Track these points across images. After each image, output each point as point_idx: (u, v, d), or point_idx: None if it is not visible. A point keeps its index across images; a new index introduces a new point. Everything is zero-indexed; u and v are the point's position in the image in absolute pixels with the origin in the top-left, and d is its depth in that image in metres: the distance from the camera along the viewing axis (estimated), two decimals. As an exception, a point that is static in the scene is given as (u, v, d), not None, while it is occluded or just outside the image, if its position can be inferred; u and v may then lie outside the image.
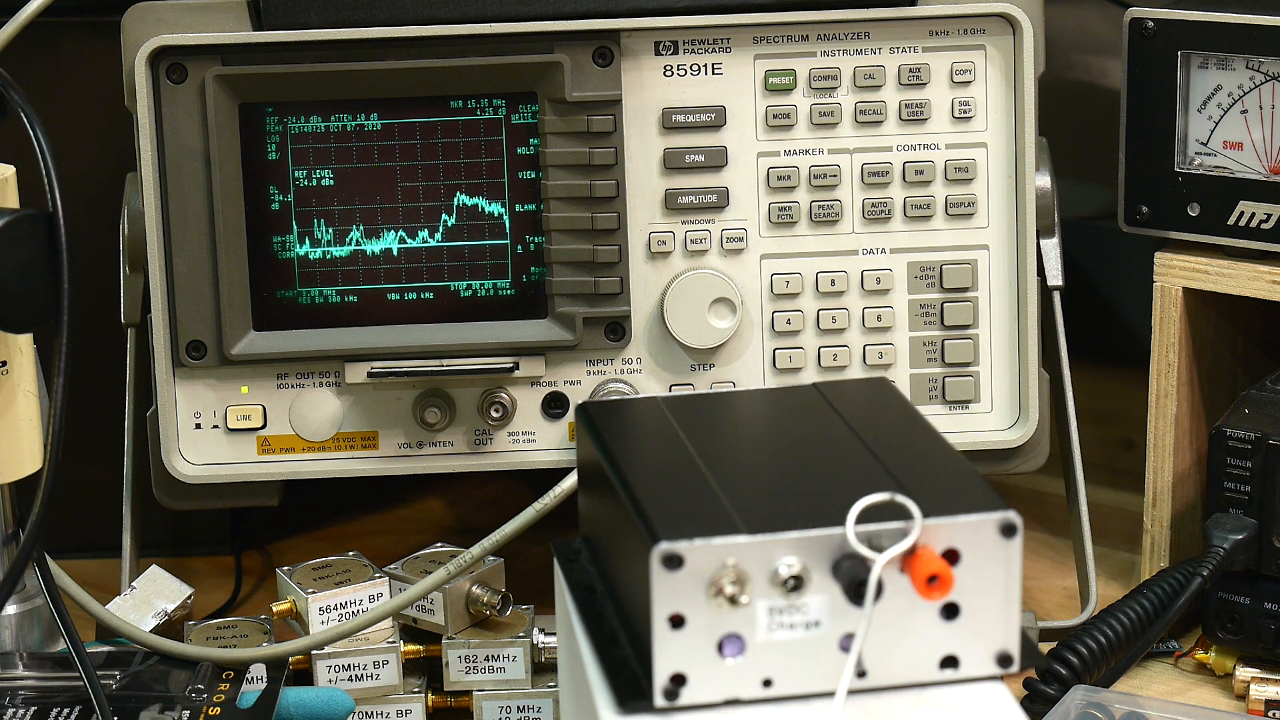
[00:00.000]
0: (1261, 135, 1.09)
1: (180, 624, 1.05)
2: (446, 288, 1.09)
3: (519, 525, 1.03)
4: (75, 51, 1.19)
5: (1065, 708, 0.96)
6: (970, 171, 1.09)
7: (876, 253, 1.10)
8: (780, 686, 0.77)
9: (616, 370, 1.10)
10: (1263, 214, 1.09)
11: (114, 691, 0.97)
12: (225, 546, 1.27)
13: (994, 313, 1.10)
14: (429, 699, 1.05)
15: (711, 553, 0.75)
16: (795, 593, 0.76)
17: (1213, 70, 1.10)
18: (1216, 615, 1.06)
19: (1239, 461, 1.04)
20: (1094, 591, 1.10)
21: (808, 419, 0.89)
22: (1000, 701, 0.78)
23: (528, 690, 1.03)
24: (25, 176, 0.97)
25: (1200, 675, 1.08)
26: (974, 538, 0.77)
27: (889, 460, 0.82)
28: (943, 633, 0.78)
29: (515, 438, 1.11)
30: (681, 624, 0.76)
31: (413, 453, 1.11)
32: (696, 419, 0.89)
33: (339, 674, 1.03)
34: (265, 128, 1.07)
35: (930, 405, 1.11)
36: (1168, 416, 1.13)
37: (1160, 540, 1.15)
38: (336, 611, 1.03)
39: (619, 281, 1.08)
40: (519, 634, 1.03)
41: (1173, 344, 1.12)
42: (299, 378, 1.10)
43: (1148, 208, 1.13)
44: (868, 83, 1.08)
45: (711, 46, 1.08)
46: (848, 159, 1.09)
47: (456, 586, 1.03)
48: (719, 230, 1.09)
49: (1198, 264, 1.12)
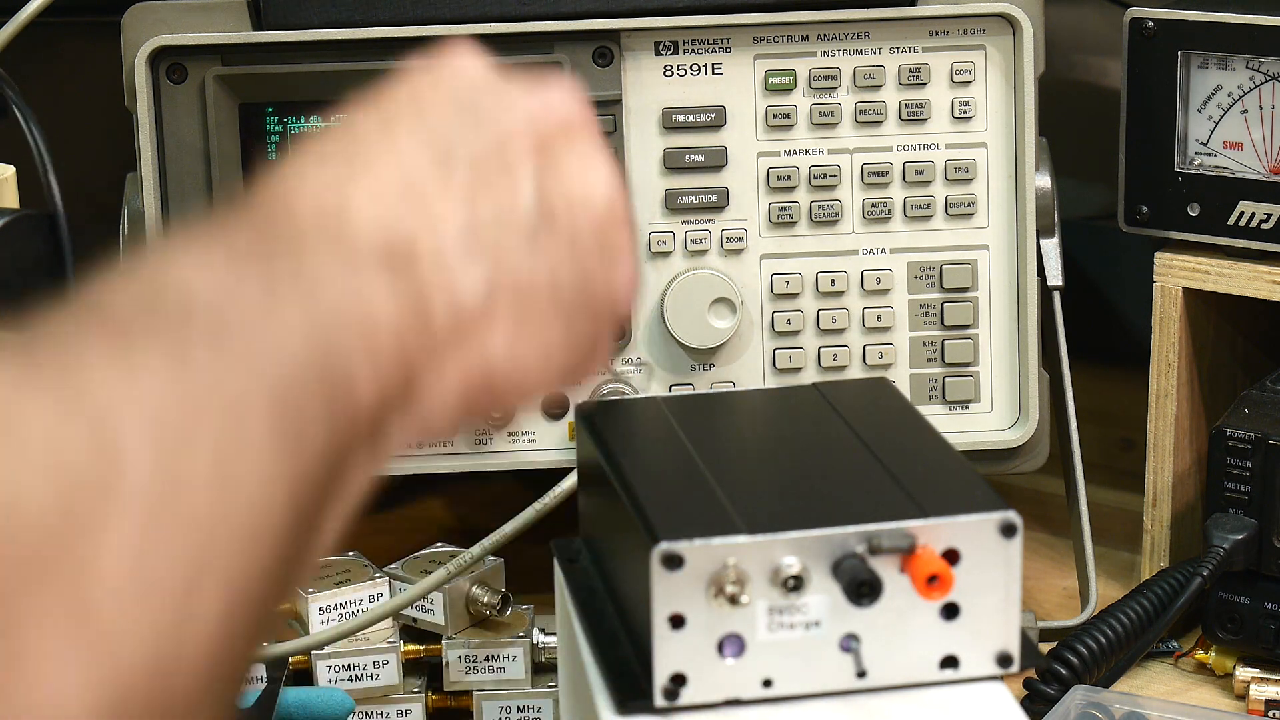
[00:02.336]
0: (1261, 135, 1.09)
1: (180, 624, 1.05)
2: (446, 288, 1.09)
3: (519, 525, 1.03)
4: (75, 51, 1.19)
5: (1065, 708, 0.96)
6: (970, 171, 1.09)
7: (876, 253, 1.10)
8: (780, 686, 0.77)
9: (616, 370, 1.10)
10: (1263, 214, 1.09)
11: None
12: (225, 546, 1.27)
13: (994, 313, 1.10)
14: (429, 699, 1.05)
15: (711, 553, 0.75)
16: (795, 593, 0.76)
17: (1213, 70, 1.10)
18: (1216, 615, 1.06)
19: (1239, 461, 1.04)
20: (1094, 591, 1.10)
21: (808, 419, 0.89)
22: (1000, 701, 0.78)
23: (528, 690, 1.03)
24: (25, 176, 0.97)
25: (1200, 675, 1.08)
26: (974, 538, 0.77)
27: (889, 460, 0.82)
28: (943, 633, 0.78)
29: (515, 438, 1.11)
30: (681, 624, 0.76)
31: (413, 453, 1.11)
32: (696, 419, 0.89)
33: (339, 674, 1.03)
34: (265, 128, 1.07)
35: (930, 405, 1.11)
36: (1168, 416, 1.13)
37: (1160, 540, 1.15)
38: (336, 611, 1.03)
39: (619, 281, 1.08)
40: (519, 634, 1.03)
41: (1173, 344, 1.12)
42: (299, 378, 1.10)
43: (1148, 208, 1.13)
44: (868, 83, 1.08)
45: (711, 46, 1.08)
46: (848, 159, 1.09)
47: (456, 586, 1.03)
48: (719, 230, 1.09)
49: (1198, 264, 1.12)
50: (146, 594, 0.47)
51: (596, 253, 0.68)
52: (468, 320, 0.62)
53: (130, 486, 0.47)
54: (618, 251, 0.69)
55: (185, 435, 0.50)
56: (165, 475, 0.49)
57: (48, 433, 0.47)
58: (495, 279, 0.63)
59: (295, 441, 0.53)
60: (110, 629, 0.46)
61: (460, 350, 0.62)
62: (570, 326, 0.67)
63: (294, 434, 0.53)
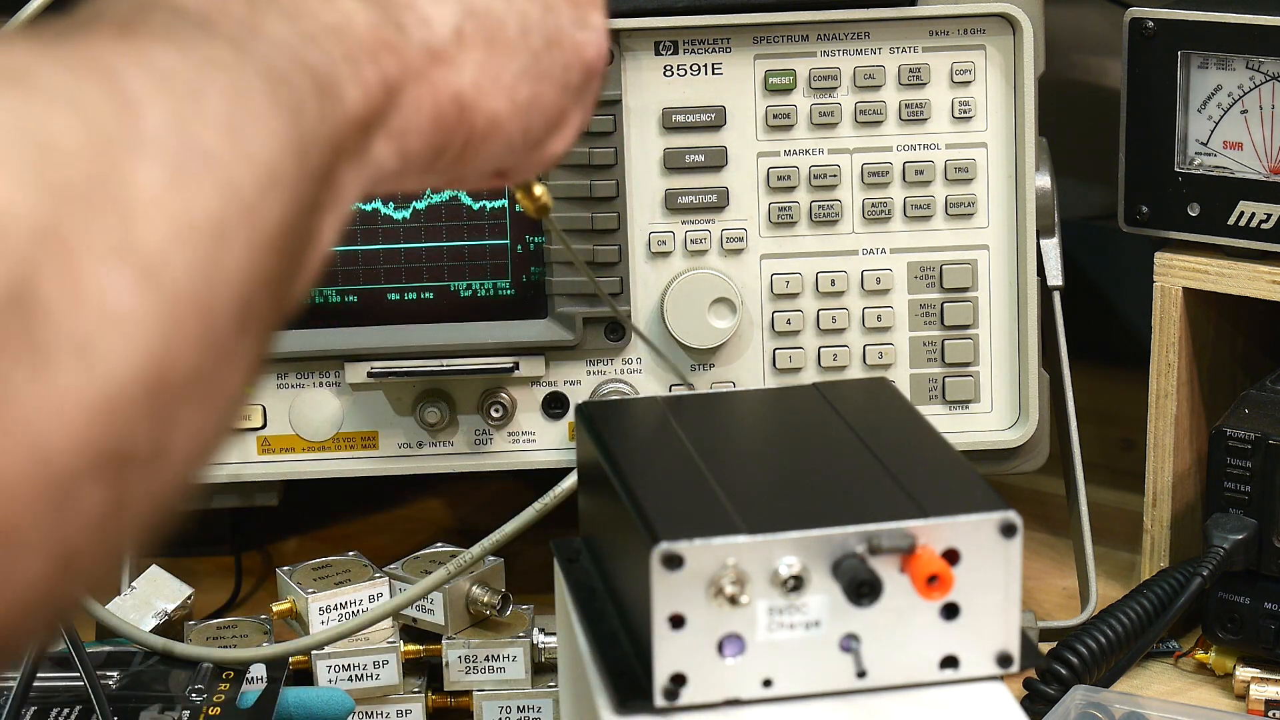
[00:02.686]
0: (1261, 135, 1.09)
1: (180, 624, 1.05)
2: (446, 288, 1.09)
3: (519, 525, 1.03)
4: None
5: (1065, 708, 0.96)
6: (970, 171, 1.09)
7: (876, 253, 1.10)
8: (780, 686, 0.77)
9: (616, 370, 1.10)
10: (1263, 214, 1.09)
11: (114, 691, 0.97)
12: (225, 546, 1.27)
13: (994, 313, 1.10)
14: (429, 699, 1.05)
15: (711, 553, 0.75)
16: (795, 593, 0.76)
17: (1213, 70, 1.10)
18: (1216, 615, 1.06)
19: (1239, 461, 1.04)
20: (1094, 591, 1.10)
21: (808, 419, 0.89)
22: (1000, 701, 0.78)
23: (528, 690, 1.03)
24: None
25: (1200, 675, 1.08)
26: (974, 538, 0.77)
27: (889, 460, 0.82)
28: (943, 633, 0.78)
29: (515, 438, 1.11)
30: (681, 624, 0.76)
31: (413, 453, 1.11)
32: (696, 419, 0.89)
33: (339, 674, 1.03)
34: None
35: (930, 405, 1.11)
36: (1168, 416, 1.13)
37: (1160, 540, 1.15)
38: (336, 611, 1.03)
39: (619, 281, 1.08)
40: (519, 634, 1.03)
41: (1173, 344, 1.12)
42: (299, 377, 1.10)
43: (1148, 208, 1.13)
44: (868, 83, 1.08)
45: (711, 46, 1.08)
46: (848, 159, 1.09)
47: (456, 586, 1.03)
48: (719, 230, 1.09)
49: (1198, 264, 1.12)
50: (182, 229, 0.50)
51: (568, 5, 0.74)
52: (438, 46, 0.67)
53: (150, 131, 0.51)
54: (588, 6, 0.75)
55: (194, 92, 0.53)
56: (181, 124, 0.52)
57: (66, 87, 0.50)
58: (466, 14, 0.69)
59: (294, 116, 0.57)
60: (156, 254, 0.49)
61: (432, 73, 0.67)
62: (538, 69, 0.73)
63: (291, 108, 0.57)
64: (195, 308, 0.50)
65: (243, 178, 0.53)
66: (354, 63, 0.62)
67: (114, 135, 0.50)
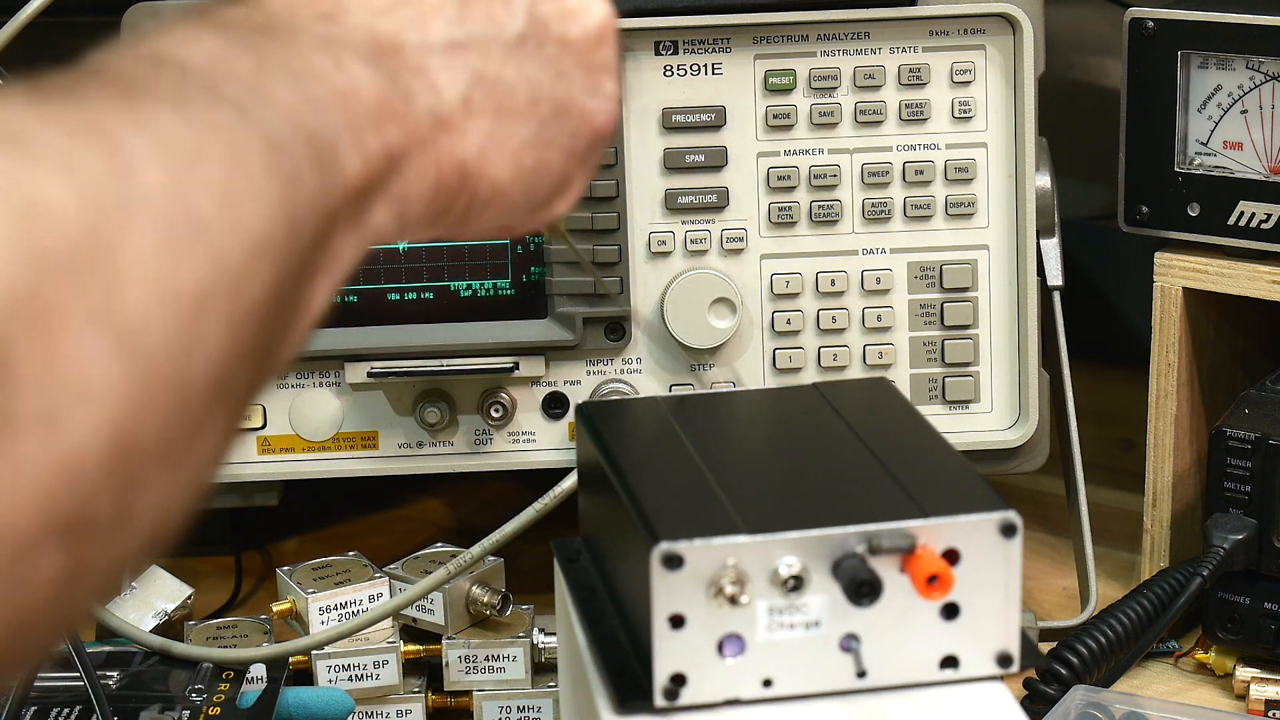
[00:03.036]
0: (1261, 135, 1.09)
1: (180, 624, 1.05)
2: (446, 288, 1.09)
3: (519, 525, 1.03)
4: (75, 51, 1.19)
5: (1065, 708, 0.96)
6: (970, 171, 1.09)
7: (876, 253, 1.10)
8: (780, 686, 0.77)
9: (616, 370, 1.10)
10: (1263, 214, 1.09)
11: (114, 691, 0.97)
12: (225, 546, 1.27)
13: (994, 313, 1.10)
14: (429, 699, 1.05)
15: (711, 553, 0.75)
16: (795, 593, 0.76)
17: (1213, 70, 1.10)
18: (1216, 615, 1.06)
19: (1239, 461, 1.04)
20: (1094, 591, 1.10)
21: (808, 419, 0.89)
22: (1000, 701, 0.78)
23: (528, 690, 1.03)
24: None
25: (1200, 675, 1.08)
26: (974, 538, 0.77)
27: (889, 460, 0.82)
28: (943, 633, 0.78)
29: (515, 438, 1.11)
30: (681, 624, 0.76)
31: (413, 453, 1.11)
32: (696, 419, 0.89)
33: (339, 674, 1.03)
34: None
35: (930, 405, 1.11)
36: (1168, 416, 1.13)
37: (1160, 540, 1.15)
38: (336, 611, 1.03)
39: (619, 281, 1.08)
40: (519, 634, 1.03)
41: (1173, 344, 1.12)
42: (299, 377, 1.10)
43: (1148, 208, 1.13)
44: (868, 83, 1.08)
45: (711, 46, 1.08)
46: (848, 159, 1.09)
47: (456, 586, 1.03)
48: (719, 230, 1.09)
49: (1198, 264, 1.12)
50: (166, 297, 0.50)
51: (580, 73, 0.73)
52: (445, 114, 0.67)
53: (144, 196, 0.50)
54: (602, 73, 0.74)
55: (193, 158, 0.53)
56: (176, 190, 0.51)
57: (62, 150, 0.49)
58: (475, 81, 0.68)
59: (290, 185, 0.56)
60: (135, 323, 0.49)
61: (437, 141, 0.67)
62: (545, 136, 0.72)
63: (289, 177, 0.56)
64: (169, 377, 0.50)
65: (231, 248, 0.52)
66: (357, 132, 0.62)
67: (106, 200, 0.49)
